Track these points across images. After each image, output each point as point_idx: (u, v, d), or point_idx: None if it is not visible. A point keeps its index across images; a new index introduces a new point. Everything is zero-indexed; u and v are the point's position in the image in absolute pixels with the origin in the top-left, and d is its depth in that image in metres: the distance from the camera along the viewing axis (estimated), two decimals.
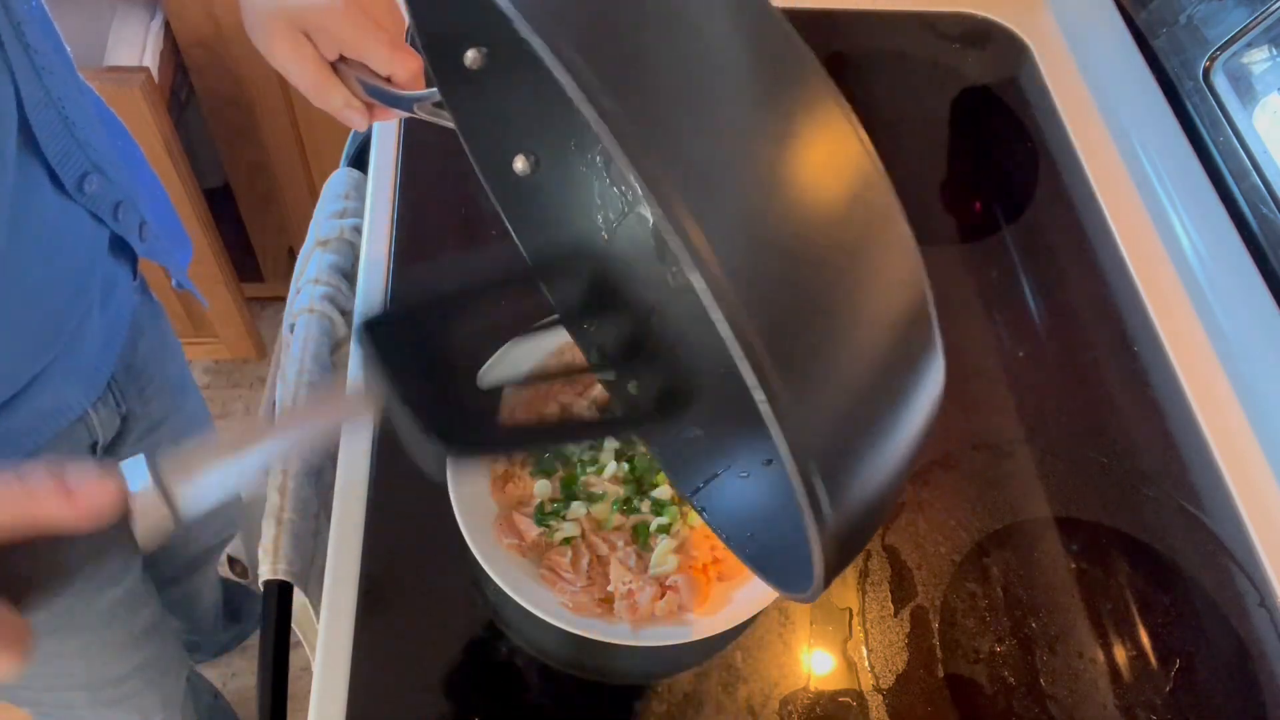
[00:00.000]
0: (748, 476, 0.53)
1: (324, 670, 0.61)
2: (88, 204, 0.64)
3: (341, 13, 0.56)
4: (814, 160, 0.33)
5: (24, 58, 0.56)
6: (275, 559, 0.67)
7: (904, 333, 0.35)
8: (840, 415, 0.33)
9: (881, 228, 0.34)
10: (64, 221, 0.63)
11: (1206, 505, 0.71)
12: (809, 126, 0.33)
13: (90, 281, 0.67)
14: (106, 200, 0.66)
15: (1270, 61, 0.80)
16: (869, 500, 0.36)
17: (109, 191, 0.66)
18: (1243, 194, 0.81)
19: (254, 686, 0.91)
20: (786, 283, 0.32)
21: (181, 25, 1.30)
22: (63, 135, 0.60)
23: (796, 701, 0.62)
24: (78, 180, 0.63)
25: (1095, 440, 0.74)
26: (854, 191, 0.34)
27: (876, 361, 0.34)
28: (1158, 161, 0.88)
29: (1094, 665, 0.64)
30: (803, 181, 0.33)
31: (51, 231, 0.62)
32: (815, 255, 0.32)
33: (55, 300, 0.64)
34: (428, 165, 0.86)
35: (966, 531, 0.69)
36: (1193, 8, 0.87)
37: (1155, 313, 0.80)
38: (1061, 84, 0.95)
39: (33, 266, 0.60)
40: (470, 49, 0.51)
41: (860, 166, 0.34)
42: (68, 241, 0.64)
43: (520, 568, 0.61)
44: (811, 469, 0.31)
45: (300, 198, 1.54)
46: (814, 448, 0.32)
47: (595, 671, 0.63)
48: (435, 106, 0.55)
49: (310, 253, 0.85)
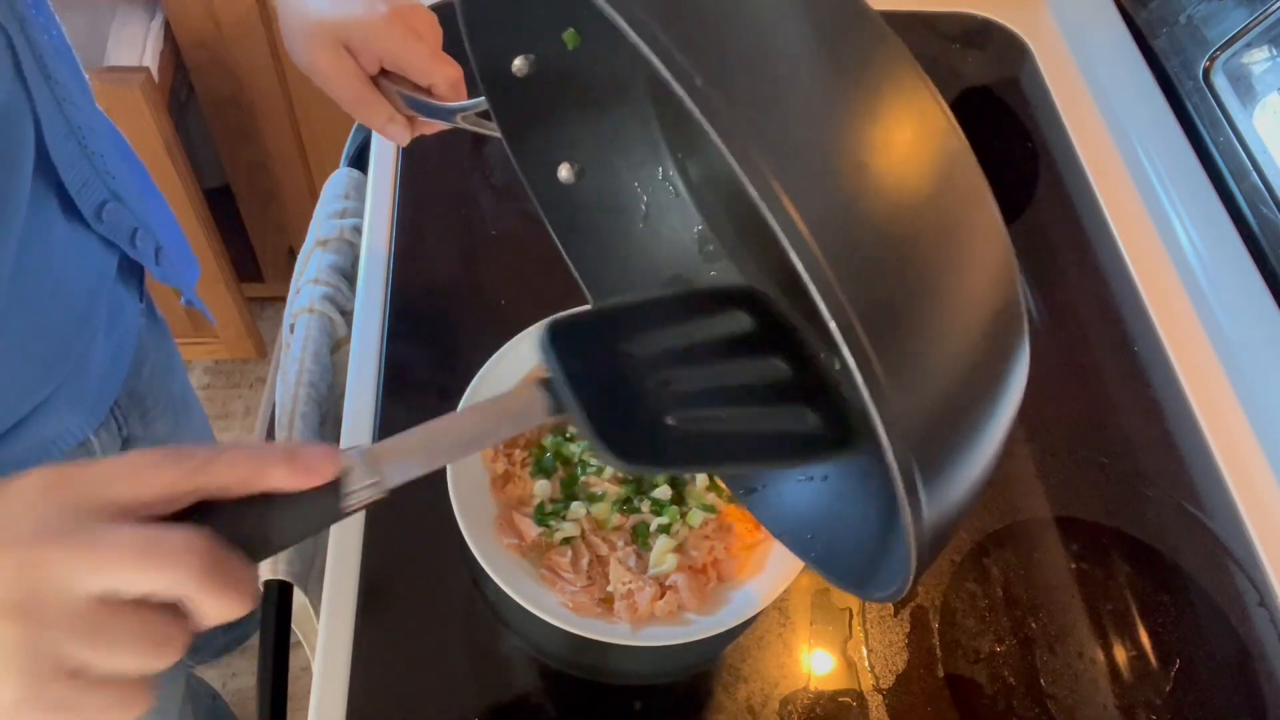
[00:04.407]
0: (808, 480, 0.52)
1: (324, 670, 0.61)
2: (106, 232, 0.64)
3: (383, 25, 0.56)
4: (904, 140, 0.32)
5: (45, 89, 0.55)
6: (275, 559, 0.67)
7: (998, 319, 0.34)
8: (938, 405, 0.32)
9: (973, 209, 0.33)
10: (73, 250, 0.63)
11: (1206, 505, 0.71)
12: (896, 102, 0.33)
13: (96, 308, 0.67)
14: (124, 227, 0.66)
15: (1270, 61, 0.80)
16: (962, 493, 0.35)
17: (126, 219, 0.66)
18: (1243, 194, 0.81)
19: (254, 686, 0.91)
20: (884, 267, 0.31)
21: (181, 25, 1.30)
22: (82, 165, 0.60)
23: (796, 701, 0.62)
24: (96, 209, 0.62)
25: (1095, 440, 0.74)
26: (945, 171, 0.33)
27: (973, 350, 0.33)
28: (1158, 161, 0.88)
29: (1094, 665, 0.64)
30: (894, 162, 0.32)
31: (60, 260, 0.61)
32: (912, 238, 0.31)
33: (60, 328, 0.63)
34: (428, 165, 0.86)
35: (966, 531, 0.69)
36: (1193, 8, 0.87)
37: (1155, 313, 0.80)
38: (1061, 84, 0.95)
39: (39, 295, 0.60)
40: (518, 57, 0.51)
41: (949, 145, 0.33)
42: (75, 269, 0.63)
43: (520, 568, 0.61)
44: (910, 461, 0.31)
45: (300, 198, 1.54)
46: (913, 438, 0.31)
47: (595, 671, 0.63)
48: (479, 116, 0.55)
49: (310, 253, 0.85)
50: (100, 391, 0.70)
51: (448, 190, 0.85)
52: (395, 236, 0.81)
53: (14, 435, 0.62)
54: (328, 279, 0.81)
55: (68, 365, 0.64)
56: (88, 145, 0.61)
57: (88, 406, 0.69)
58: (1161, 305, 0.81)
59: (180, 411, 0.87)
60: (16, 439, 0.62)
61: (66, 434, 0.68)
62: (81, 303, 0.65)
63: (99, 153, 0.62)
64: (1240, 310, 0.78)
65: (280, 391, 0.76)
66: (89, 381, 0.68)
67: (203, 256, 1.43)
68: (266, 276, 1.69)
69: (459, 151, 0.88)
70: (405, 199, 0.83)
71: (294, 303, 0.82)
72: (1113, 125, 0.92)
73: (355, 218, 0.87)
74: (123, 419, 0.76)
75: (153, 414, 0.81)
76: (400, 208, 0.83)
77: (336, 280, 0.82)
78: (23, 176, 0.55)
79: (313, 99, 1.39)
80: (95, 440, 0.72)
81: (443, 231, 0.84)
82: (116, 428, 0.75)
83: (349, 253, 0.85)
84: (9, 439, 0.61)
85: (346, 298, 0.82)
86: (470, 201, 0.84)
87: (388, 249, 0.80)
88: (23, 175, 0.55)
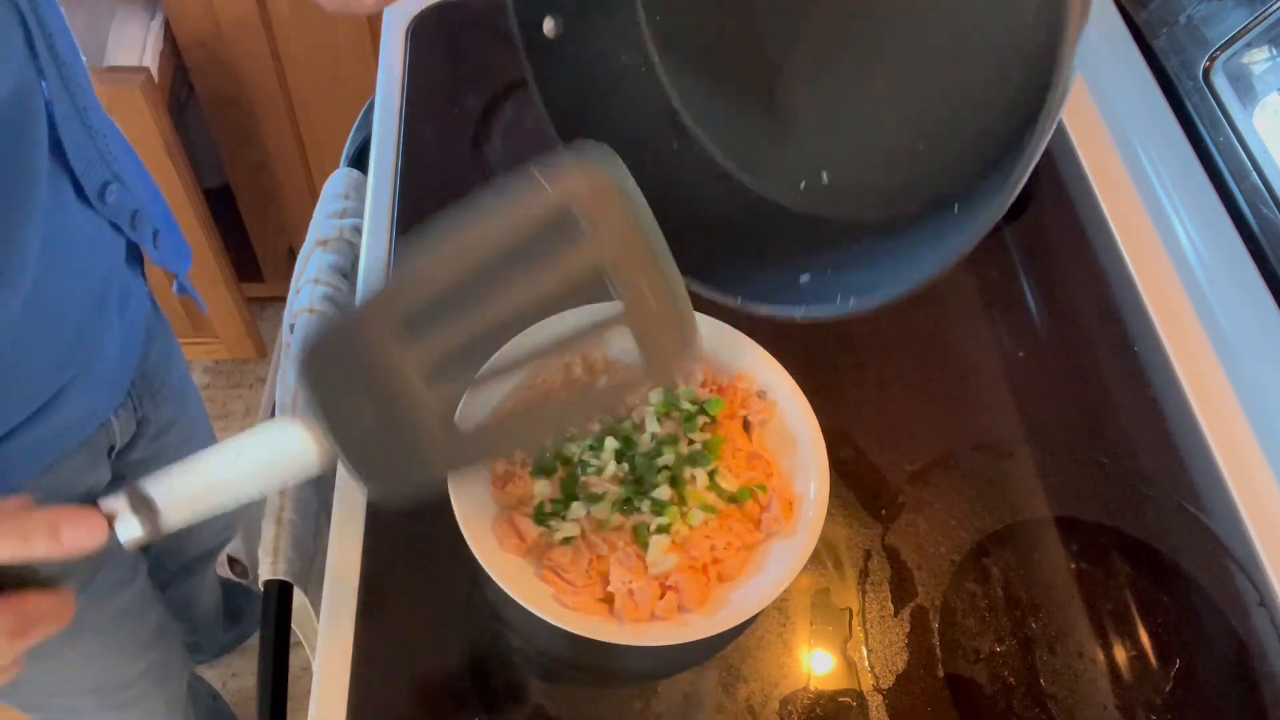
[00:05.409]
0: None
1: (324, 670, 0.61)
2: (109, 214, 0.65)
3: None
4: None
5: (54, 68, 0.57)
6: (275, 559, 0.67)
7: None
8: None
9: None
10: (88, 232, 0.64)
11: (1206, 505, 0.71)
12: None
13: (110, 291, 0.68)
14: (125, 209, 0.67)
15: (1270, 61, 0.80)
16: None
17: (127, 201, 0.67)
18: (1243, 194, 0.81)
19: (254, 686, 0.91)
20: None
21: (181, 25, 1.30)
22: (87, 146, 0.61)
23: (796, 701, 0.62)
24: (99, 190, 0.63)
25: (1095, 440, 0.74)
26: None
27: None
28: (1158, 161, 0.88)
29: (1094, 665, 0.64)
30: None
31: (78, 243, 0.63)
32: None
33: (80, 311, 0.64)
34: (428, 165, 0.86)
35: (966, 531, 0.69)
36: (1193, 8, 0.87)
37: (1155, 313, 0.80)
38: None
39: (63, 278, 0.61)
40: None
41: None
42: (91, 252, 0.65)
43: (520, 568, 0.61)
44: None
45: (300, 198, 1.54)
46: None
47: (595, 671, 0.63)
48: None
49: (310, 253, 0.85)
50: (118, 373, 0.72)
51: (448, 190, 0.85)
52: (395, 236, 0.81)
53: (41, 417, 0.63)
54: (328, 279, 0.81)
55: (88, 348, 0.66)
56: (92, 125, 0.62)
57: (107, 388, 0.71)
58: (1161, 305, 0.81)
59: (181, 398, 0.88)
60: (44, 420, 0.63)
61: (89, 415, 0.70)
62: (99, 286, 0.66)
63: (101, 133, 0.63)
64: (1240, 310, 0.78)
65: (280, 391, 0.76)
66: (107, 364, 0.69)
67: (203, 256, 1.43)
68: (266, 276, 1.69)
69: (459, 151, 0.88)
70: (405, 199, 0.83)
71: (294, 303, 0.82)
72: (1113, 125, 0.92)
73: (355, 218, 0.87)
74: (137, 400, 0.78)
75: (160, 397, 0.83)
76: (400, 208, 0.83)
77: (336, 280, 0.82)
78: (40, 155, 0.56)
79: (313, 99, 1.40)
80: (115, 420, 0.73)
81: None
82: (133, 408, 0.77)
83: (349, 253, 0.85)
84: (36, 421, 0.63)
85: (346, 298, 0.82)
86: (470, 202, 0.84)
87: (388, 249, 0.80)
88: (40, 153, 0.56)
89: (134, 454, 0.81)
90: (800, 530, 0.61)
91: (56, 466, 0.67)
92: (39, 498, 0.42)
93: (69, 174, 0.60)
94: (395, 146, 0.86)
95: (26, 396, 0.62)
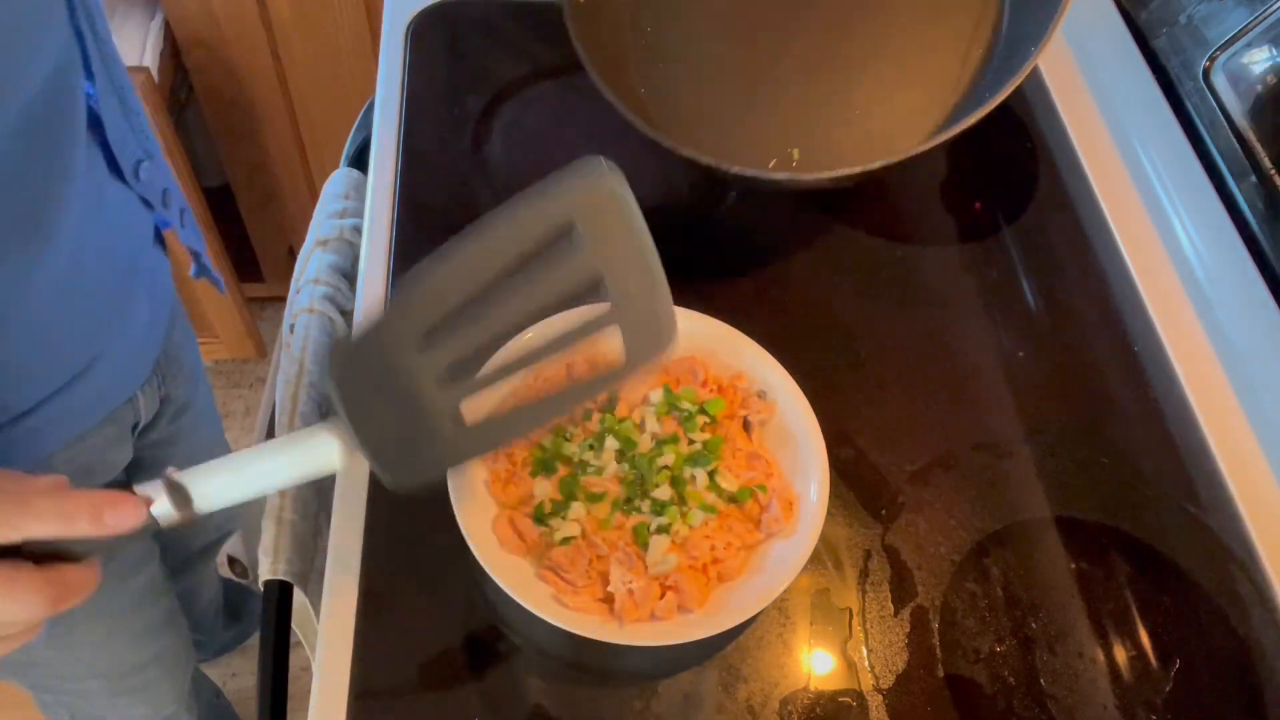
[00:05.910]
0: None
1: (324, 670, 0.61)
2: (141, 190, 0.67)
3: None
4: None
5: (95, 45, 0.58)
6: (275, 559, 0.67)
7: None
8: None
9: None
10: (123, 206, 0.66)
11: (1206, 505, 0.71)
12: None
13: (140, 265, 0.69)
14: (156, 187, 0.68)
15: (1270, 61, 0.80)
16: None
17: (158, 178, 0.68)
18: (1243, 194, 0.81)
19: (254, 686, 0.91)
20: None
21: (181, 25, 1.30)
22: (121, 122, 0.63)
23: (796, 701, 0.62)
24: (134, 166, 0.65)
25: (1095, 440, 0.74)
26: None
27: None
28: (1158, 161, 0.88)
29: (1094, 665, 0.64)
30: None
31: (111, 216, 0.64)
32: None
33: (113, 281, 0.66)
34: (428, 165, 0.86)
35: (966, 531, 0.69)
36: (1193, 8, 0.87)
37: (1155, 313, 0.80)
38: (1061, 84, 0.95)
39: (98, 249, 0.62)
40: None
41: None
42: (122, 228, 0.67)
43: (520, 568, 0.61)
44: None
45: (300, 198, 1.54)
46: None
47: (595, 671, 0.63)
48: None
49: (310, 253, 0.85)
50: (146, 346, 0.73)
51: (448, 190, 0.85)
52: (395, 236, 0.81)
53: (72, 387, 0.64)
54: (328, 279, 0.82)
55: (119, 318, 0.67)
56: (127, 102, 0.63)
57: (136, 362, 0.72)
58: (1161, 305, 0.81)
59: (194, 382, 0.90)
60: (74, 391, 0.64)
61: (119, 387, 0.71)
62: (129, 258, 0.67)
63: (135, 110, 0.64)
64: (1240, 310, 0.78)
65: (280, 391, 0.76)
66: (136, 337, 0.70)
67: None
68: (266, 276, 1.69)
69: (459, 151, 0.88)
70: (405, 199, 0.83)
71: (294, 303, 0.82)
72: (1113, 125, 0.92)
73: (355, 218, 0.87)
74: (161, 377, 0.79)
75: (181, 376, 0.85)
76: (400, 208, 0.83)
77: (336, 280, 0.82)
78: (80, 129, 0.57)
79: (313, 99, 1.40)
80: (141, 395, 0.74)
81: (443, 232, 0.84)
82: (157, 384, 0.78)
83: (349, 253, 0.85)
84: (68, 391, 0.64)
85: (346, 298, 0.82)
86: (470, 202, 0.84)
87: (388, 249, 0.80)
88: (80, 129, 0.57)
89: (154, 434, 0.83)
90: (800, 530, 0.61)
91: (84, 440, 0.68)
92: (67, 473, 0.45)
93: (104, 149, 0.62)
94: (395, 146, 0.86)
95: (62, 363, 0.63)
